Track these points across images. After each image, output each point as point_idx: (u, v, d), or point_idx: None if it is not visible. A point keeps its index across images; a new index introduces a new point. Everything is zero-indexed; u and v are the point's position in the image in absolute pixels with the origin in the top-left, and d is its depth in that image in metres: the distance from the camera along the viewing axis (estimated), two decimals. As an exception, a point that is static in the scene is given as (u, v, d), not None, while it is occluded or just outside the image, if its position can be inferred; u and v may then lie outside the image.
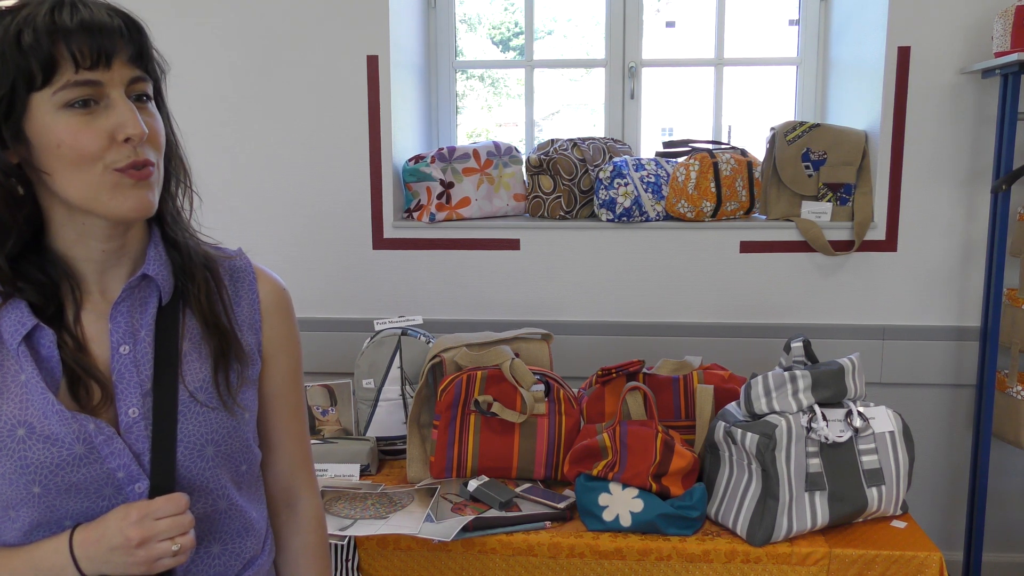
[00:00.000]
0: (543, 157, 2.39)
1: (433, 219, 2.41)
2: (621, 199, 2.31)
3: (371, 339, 2.08)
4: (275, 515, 1.09)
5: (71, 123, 0.82)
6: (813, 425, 1.60)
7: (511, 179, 2.50)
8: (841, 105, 2.53)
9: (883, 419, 1.67)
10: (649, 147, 2.64)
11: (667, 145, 2.53)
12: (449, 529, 1.61)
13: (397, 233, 2.44)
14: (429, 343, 2.07)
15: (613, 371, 1.89)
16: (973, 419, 2.34)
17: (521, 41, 2.73)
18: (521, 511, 1.69)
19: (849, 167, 2.35)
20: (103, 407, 0.88)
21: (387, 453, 2.05)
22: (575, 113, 3.83)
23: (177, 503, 0.87)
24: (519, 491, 1.78)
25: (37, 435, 0.85)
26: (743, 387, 1.67)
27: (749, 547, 1.59)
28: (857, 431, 1.63)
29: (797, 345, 1.75)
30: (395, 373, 2.04)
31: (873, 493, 1.63)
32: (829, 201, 2.36)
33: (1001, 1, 2.19)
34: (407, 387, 2.04)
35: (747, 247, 2.37)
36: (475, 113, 3.56)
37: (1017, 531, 2.47)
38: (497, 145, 2.50)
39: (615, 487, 1.64)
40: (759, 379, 1.64)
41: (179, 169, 0.96)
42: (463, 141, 2.84)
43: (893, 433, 1.67)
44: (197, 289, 0.95)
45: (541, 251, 2.42)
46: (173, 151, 0.94)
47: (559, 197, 2.39)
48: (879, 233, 2.34)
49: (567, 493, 1.77)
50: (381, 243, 2.45)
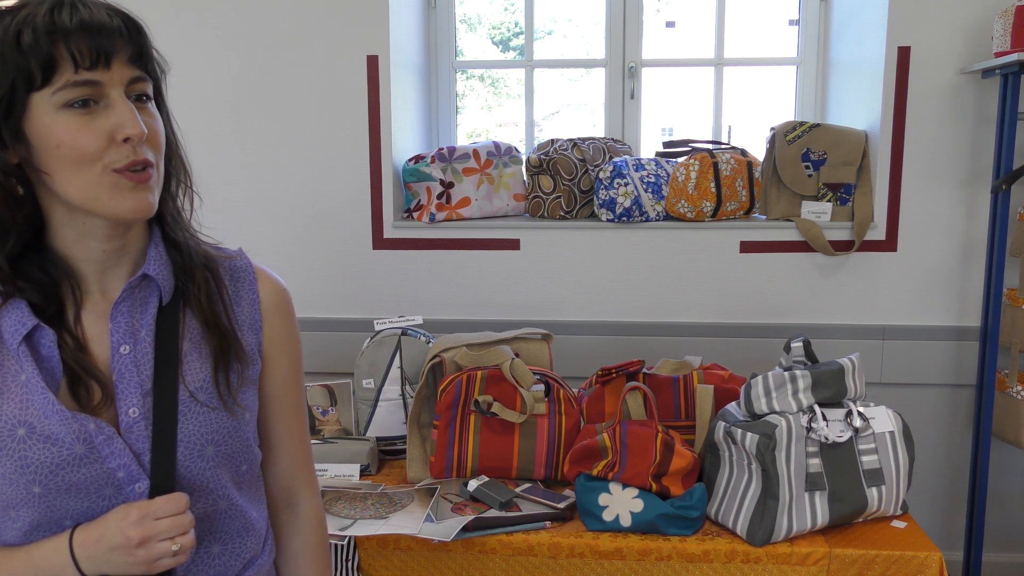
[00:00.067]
0: (543, 157, 2.39)
1: (433, 219, 2.41)
2: (621, 199, 2.31)
3: (371, 339, 2.08)
4: (275, 515, 1.09)
5: (70, 123, 0.82)
6: (813, 425, 1.60)
7: (511, 179, 2.50)
8: (841, 105, 2.52)
9: (883, 419, 1.67)
10: (649, 147, 2.64)
11: (667, 145, 2.52)
12: (449, 529, 1.61)
13: (397, 233, 2.44)
14: (429, 343, 2.07)
15: (613, 371, 1.89)
16: (973, 419, 2.34)
17: (521, 41, 2.73)
18: (521, 511, 1.69)
19: (849, 167, 2.34)
20: (103, 407, 0.88)
21: (387, 453, 2.05)
22: (575, 113, 3.83)
23: (177, 503, 0.87)
24: (519, 491, 1.78)
25: (37, 435, 0.85)
26: (743, 387, 1.67)
27: (749, 547, 1.59)
28: (857, 431, 1.63)
29: (797, 345, 1.75)
30: (395, 373, 2.04)
31: (873, 493, 1.63)
32: (829, 201, 2.36)
33: (1001, 1, 2.19)
34: (407, 387, 2.04)
35: (747, 247, 2.37)
36: (475, 113, 3.56)
37: (1017, 531, 2.47)
38: (497, 145, 2.50)
39: (615, 487, 1.64)
40: (759, 379, 1.64)
41: (179, 169, 0.96)
42: (463, 141, 2.84)
43: (893, 433, 1.67)
44: (197, 289, 0.95)
45: (541, 251, 2.42)
46: (173, 151, 0.94)
47: (559, 197, 2.39)
48: (879, 233, 2.34)
49: (567, 493, 1.77)
50: (381, 243, 2.45)
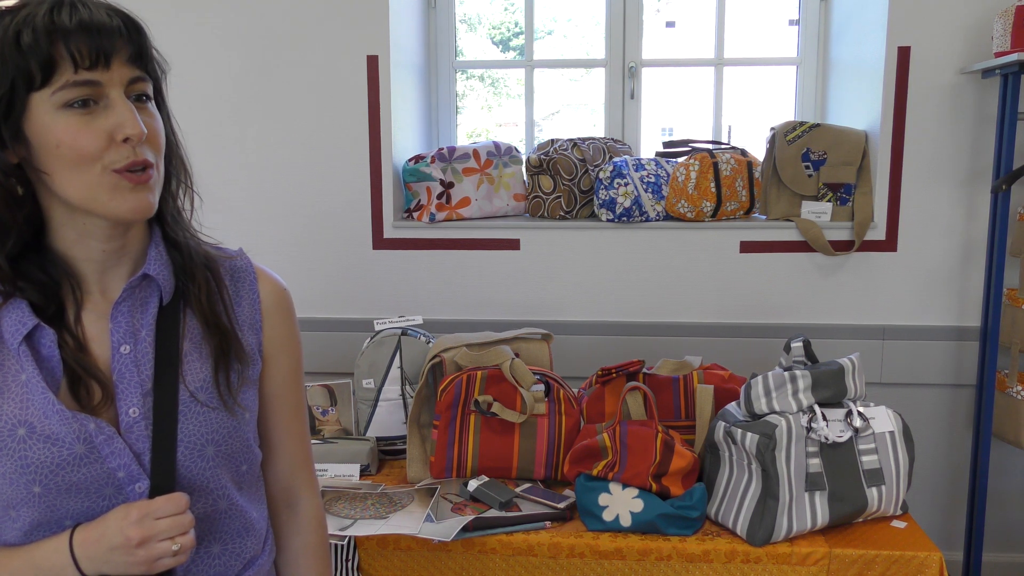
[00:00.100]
0: (543, 157, 2.39)
1: (433, 219, 2.41)
2: (621, 199, 2.31)
3: (371, 339, 2.08)
4: (275, 515, 1.09)
5: (70, 123, 0.82)
6: (813, 425, 1.60)
7: (511, 179, 2.50)
8: (841, 105, 2.52)
9: (883, 419, 1.67)
10: (649, 147, 2.64)
11: (667, 145, 2.52)
12: (449, 529, 1.61)
13: (397, 233, 2.44)
14: (429, 343, 2.07)
15: (613, 371, 1.89)
16: (973, 419, 2.34)
17: (521, 41, 2.73)
18: (521, 511, 1.69)
19: (849, 167, 2.34)
20: (104, 407, 0.88)
21: (387, 453, 2.05)
22: (575, 113, 3.82)
23: (177, 503, 0.87)
24: (519, 491, 1.78)
25: (38, 435, 0.85)
26: (743, 387, 1.67)
27: (749, 547, 1.59)
28: (857, 431, 1.63)
29: (797, 345, 1.75)
30: (395, 373, 2.04)
31: (873, 493, 1.63)
32: (829, 201, 2.36)
33: (1001, 1, 2.19)
34: (407, 387, 2.04)
35: (747, 247, 2.37)
36: (475, 113, 3.56)
37: (1017, 531, 2.47)
38: (497, 145, 2.50)
39: (615, 487, 1.64)
40: (759, 379, 1.64)
41: (180, 169, 0.96)
42: (463, 141, 2.84)
43: (893, 433, 1.67)
44: (198, 289, 0.95)
45: (541, 251, 2.42)
46: (174, 151, 0.94)
47: (559, 197, 2.39)
48: (879, 233, 2.34)
49: (567, 493, 1.77)
50: (381, 243, 2.45)
